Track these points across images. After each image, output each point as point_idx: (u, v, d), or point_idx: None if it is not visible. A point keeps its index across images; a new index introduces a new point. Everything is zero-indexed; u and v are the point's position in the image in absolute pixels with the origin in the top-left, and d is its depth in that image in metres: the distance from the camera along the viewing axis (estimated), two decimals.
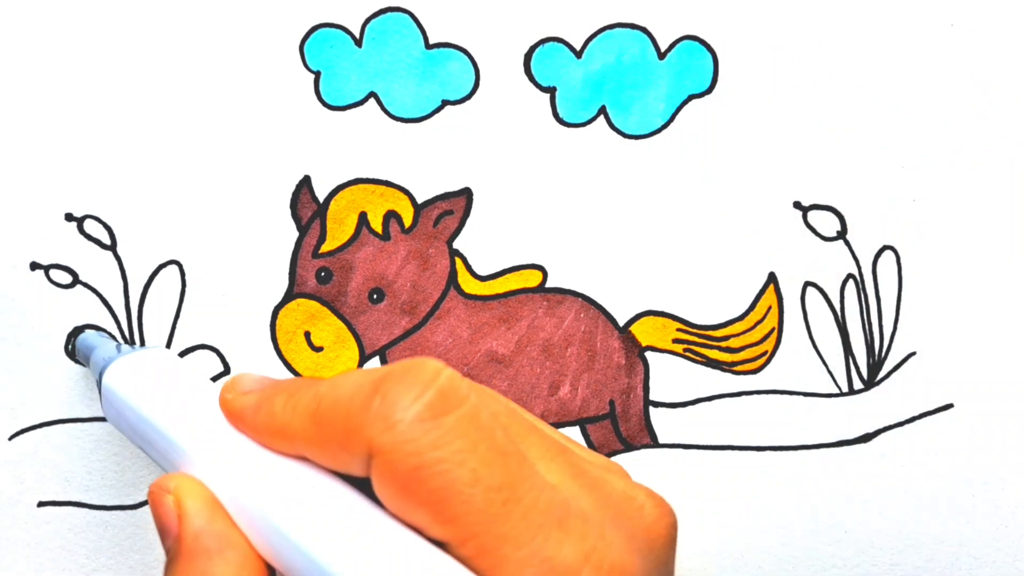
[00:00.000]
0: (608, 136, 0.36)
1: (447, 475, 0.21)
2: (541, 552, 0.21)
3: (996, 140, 0.36)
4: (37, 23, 0.34)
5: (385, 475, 0.22)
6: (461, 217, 0.36)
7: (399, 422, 0.21)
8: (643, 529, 0.24)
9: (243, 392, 0.25)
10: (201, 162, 0.35)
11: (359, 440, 0.22)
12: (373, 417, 0.22)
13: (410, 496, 0.21)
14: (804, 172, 0.36)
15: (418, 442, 0.21)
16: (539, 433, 0.25)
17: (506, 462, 0.22)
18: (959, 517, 0.36)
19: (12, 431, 0.35)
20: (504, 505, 0.21)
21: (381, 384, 0.22)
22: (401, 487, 0.21)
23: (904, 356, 0.36)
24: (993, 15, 0.35)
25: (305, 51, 0.35)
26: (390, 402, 0.22)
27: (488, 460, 0.22)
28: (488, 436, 0.22)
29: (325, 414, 0.23)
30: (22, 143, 0.35)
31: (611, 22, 0.35)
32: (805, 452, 0.36)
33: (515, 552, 0.21)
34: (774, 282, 0.36)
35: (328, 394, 0.23)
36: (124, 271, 0.35)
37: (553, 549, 0.21)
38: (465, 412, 0.22)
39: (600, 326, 0.36)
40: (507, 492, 0.21)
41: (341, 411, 0.22)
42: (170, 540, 0.24)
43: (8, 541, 0.35)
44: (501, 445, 0.22)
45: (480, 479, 0.21)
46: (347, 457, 0.22)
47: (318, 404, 0.23)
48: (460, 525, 0.21)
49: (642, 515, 0.24)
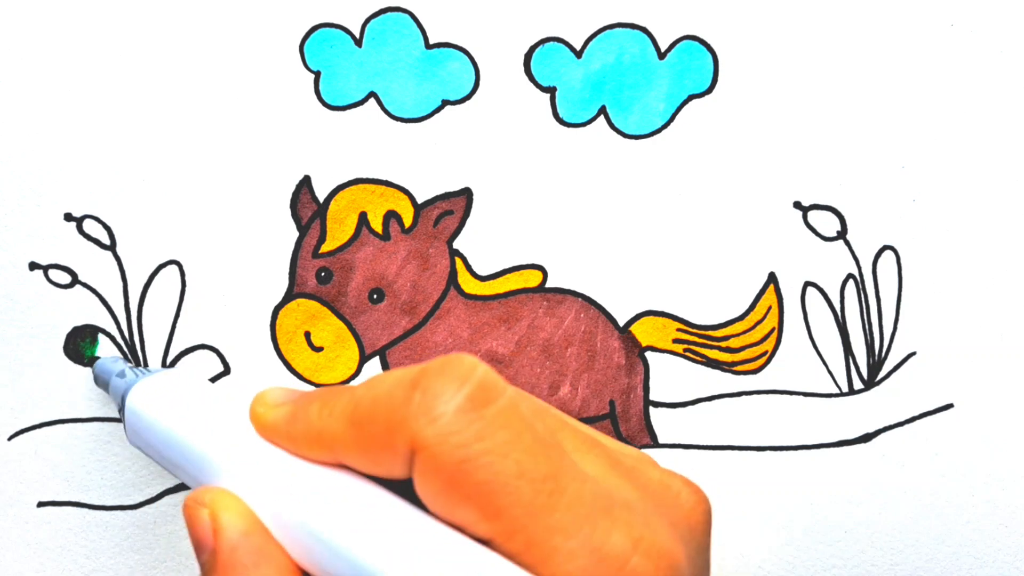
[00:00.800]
0: (608, 136, 0.36)
1: (492, 467, 0.21)
2: (590, 541, 0.21)
3: (996, 140, 0.36)
4: (37, 23, 0.34)
5: (429, 470, 0.21)
6: (461, 217, 0.36)
7: (442, 415, 0.21)
8: (683, 516, 0.24)
9: (274, 405, 0.25)
10: (201, 162, 0.35)
11: (401, 436, 0.22)
12: (415, 411, 0.21)
13: (455, 490, 0.21)
14: (804, 172, 0.36)
15: (462, 434, 0.21)
16: (571, 427, 0.25)
17: (548, 453, 0.22)
18: (959, 517, 0.36)
19: (12, 431, 0.35)
20: (550, 496, 0.21)
21: (420, 379, 0.22)
22: (446, 481, 0.21)
23: (904, 356, 0.36)
24: (993, 15, 0.35)
25: (305, 51, 0.35)
26: (432, 395, 0.22)
27: (531, 451, 0.21)
28: (529, 427, 0.22)
29: (364, 415, 0.23)
30: (22, 143, 0.35)
31: (611, 22, 0.35)
32: (805, 452, 0.36)
33: (565, 543, 0.21)
34: (774, 282, 0.36)
35: (365, 395, 0.23)
36: (124, 271, 0.35)
37: (602, 538, 0.21)
38: (505, 404, 0.22)
39: (600, 326, 0.36)
40: (552, 483, 0.21)
41: (381, 409, 0.22)
42: (205, 554, 0.24)
43: (8, 541, 0.35)
44: (542, 436, 0.22)
45: (525, 471, 0.21)
46: (388, 457, 0.22)
47: (355, 406, 0.23)
48: (507, 518, 0.21)
49: (680, 502, 0.24)
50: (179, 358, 0.35)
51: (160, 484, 0.36)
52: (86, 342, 0.35)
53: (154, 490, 0.36)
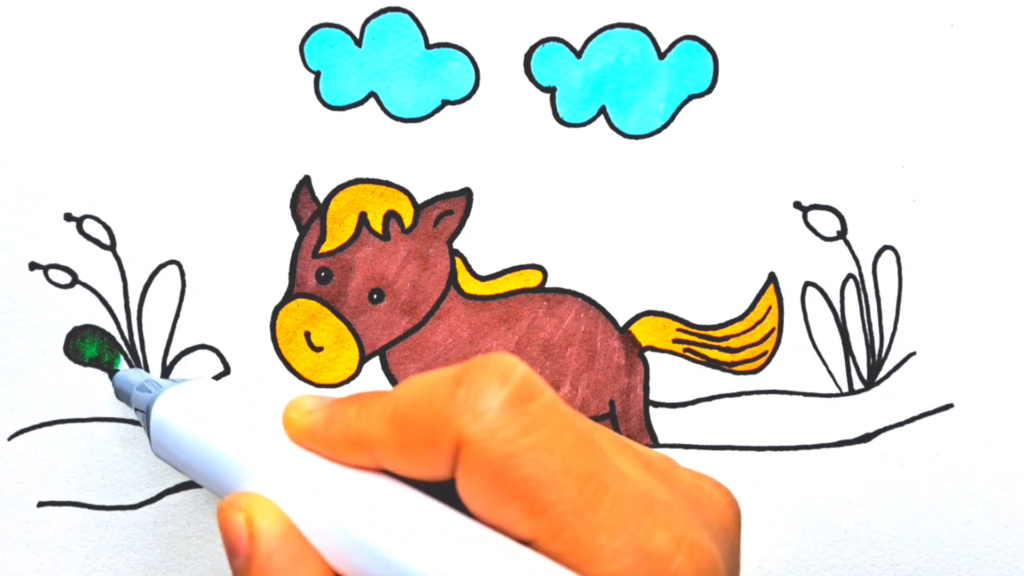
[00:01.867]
0: (608, 136, 0.36)
1: (539, 463, 0.21)
2: (635, 540, 0.21)
3: (996, 140, 0.36)
4: (37, 23, 0.34)
5: (474, 467, 0.21)
6: (461, 217, 0.36)
7: (488, 410, 0.21)
8: (716, 516, 0.24)
9: (309, 411, 0.25)
10: (201, 162, 0.35)
11: (446, 433, 0.21)
12: (460, 408, 0.21)
13: (500, 487, 0.21)
14: (804, 172, 0.36)
15: (507, 429, 0.21)
16: (602, 428, 0.25)
17: (591, 451, 0.22)
18: (959, 517, 0.36)
19: (12, 431, 0.35)
20: (595, 495, 0.21)
21: (463, 376, 0.22)
22: (492, 478, 0.21)
23: (904, 356, 0.36)
24: (993, 15, 0.35)
25: (305, 51, 0.35)
26: (476, 391, 0.21)
27: (575, 448, 0.21)
28: (571, 425, 0.22)
29: (405, 415, 0.22)
30: (22, 143, 0.35)
31: (611, 22, 0.35)
32: (805, 452, 0.36)
33: (610, 541, 0.21)
34: (774, 282, 0.36)
35: (405, 395, 0.23)
36: (124, 271, 0.35)
37: (646, 537, 0.21)
38: (547, 401, 0.22)
39: (600, 326, 0.36)
40: (596, 481, 0.21)
41: (424, 408, 0.22)
42: (239, 559, 0.23)
43: (8, 541, 0.35)
44: (583, 434, 0.22)
45: (571, 467, 0.21)
46: (432, 456, 0.22)
47: (395, 407, 0.23)
48: (552, 516, 0.21)
49: (712, 503, 0.24)
50: (179, 358, 0.35)
51: (160, 484, 0.36)
52: (85, 342, 0.35)
53: (154, 490, 0.36)
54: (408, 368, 0.36)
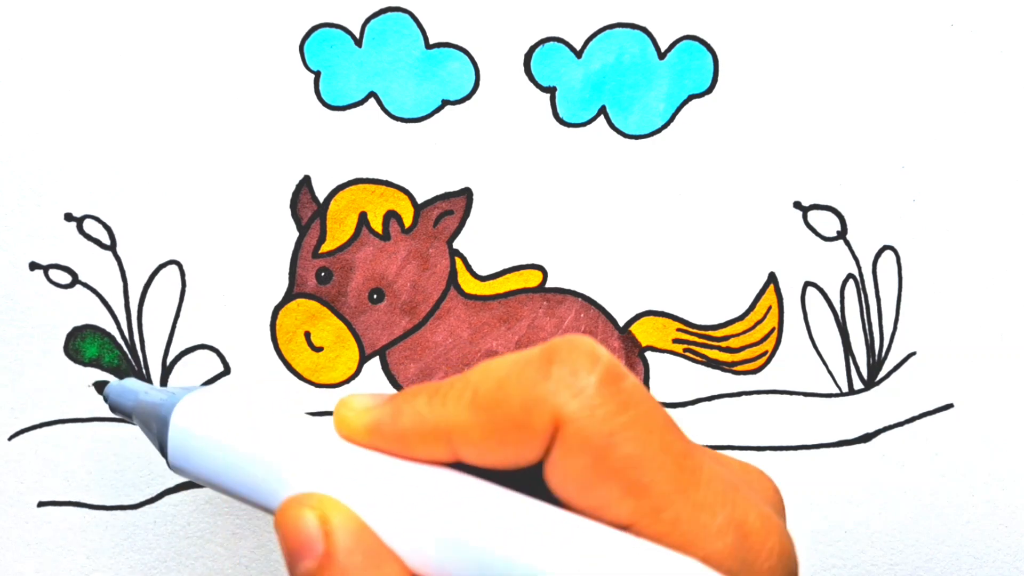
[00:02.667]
0: (608, 136, 0.36)
1: (639, 440, 0.20)
2: (734, 518, 0.20)
3: (996, 140, 0.36)
4: (37, 23, 0.34)
5: (574, 446, 0.20)
6: (461, 217, 0.36)
7: (587, 386, 0.20)
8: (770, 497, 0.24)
9: (366, 407, 0.23)
10: (201, 162, 0.35)
11: (542, 413, 0.21)
12: (557, 385, 0.21)
13: (601, 467, 0.20)
14: (804, 172, 0.36)
15: (606, 406, 0.20)
16: None
17: (680, 430, 0.21)
18: (959, 517, 0.36)
19: (12, 431, 0.35)
20: (693, 473, 0.20)
21: (554, 355, 0.21)
22: (593, 456, 0.20)
23: (904, 356, 0.36)
24: (993, 15, 0.35)
25: (305, 51, 0.35)
26: (572, 369, 0.21)
27: (669, 427, 0.21)
28: (658, 405, 0.21)
29: (490, 398, 0.21)
30: (22, 143, 0.35)
31: (611, 22, 0.35)
32: (805, 452, 0.36)
33: (712, 520, 0.20)
34: (774, 282, 0.36)
35: (484, 379, 0.22)
36: (124, 271, 0.35)
37: (742, 515, 0.20)
38: (635, 381, 0.21)
39: (600, 326, 0.36)
40: (691, 460, 0.21)
41: (513, 388, 0.21)
42: (311, 560, 0.22)
43: (8, 541, 0.35)
44: (669, 415, 0.21)
45: (669, 445, 0.20)
46: (524, 438, 0.21)
47: (475, 391, 0.22)
48: (654, 495, 0.20)
49: (764, 485, 0.24)
50: (179, 358, 0.35)
51: (160, 484, 0.36)
52: (85, 342, 0.35)
53: (154, 490, 0.36)
54: (408, 368, 0.36)
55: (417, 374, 0.36)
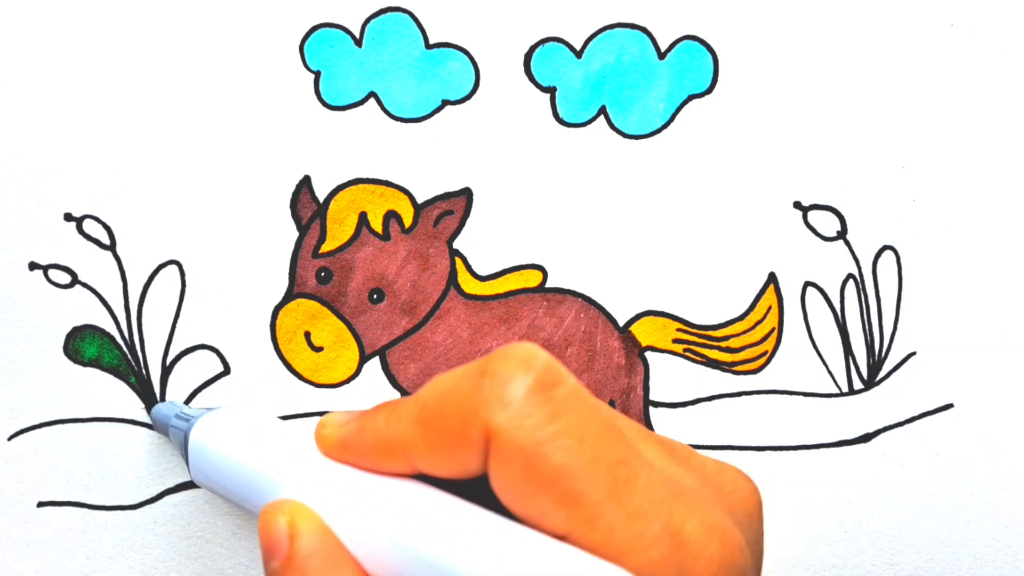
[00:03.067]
0: (608, 136, 0.36)
1: (568, 450, 0.20)
2: (670, 527, 0.20)
3: (996, 140, 0.36)
4: (37, 23, 0.34)
5: (505, 456, 0.21)
6: (461, 217, 0.36)
7: (514, 398, 0.21)
8: (740, 504, 0.24)
9: (339, 425, 0.25)
10: (201, 162, 0.35)
11: (474, 426, 0.21)
12: (486, 397, 0.21)
13: (533, 475, 0.21)
14: (804, 172, 0.36)
15: (534, 416, 0.21)
16: (623, 417, 0.24)
17: (618, 438, 0.21)
18: (959, 517, 0.36)
19: (12, 431, 0.35)
20: (627, 482, 0.21)
21: (486, 367, 0.22)
22: (523, 467, 0.21)
23: (904, 356, 0.36)
24: (993, 15, 0.35)
25: (305, 51, 0.35)
26: (501, 380, 0.21)
27: (603, 435, 0.21)
28: (596, 411, 0.21)
29: (432, 413, 0.22)
30: (22, 143, 0.35)
31: (611, 22, 0.35)
32: (805, 452, 0.36)
33: (647, 529, 0.20)
34: (774, 282, 0.36)
35: (430, 394, 0.23)
36: (123, 271, 0.35)
37: (679, 524, 0.20)
38: (571, 388, 0.21)
39: (600, 326, 0.36)
40: (625, 468, 0.21)
41: (450, 403, 0.22)
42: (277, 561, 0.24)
43: (8, 541, 0.35)
44: (608, 421, 0.22)
45: (600, 455, 0.21)
46: (462, 451, 0.22)
47: (421, 407, 0.23)
48: (587, 504, 0.20)
49: (736, 490, 0.24)
50: (179, 358, 0.35)
51: (160, 484, 0.36)
52: (85, 342, 0.35)
53: (154, 490, 0.36)
54: (408, 368, 0.36)
55: (417, 374, 0.36)
